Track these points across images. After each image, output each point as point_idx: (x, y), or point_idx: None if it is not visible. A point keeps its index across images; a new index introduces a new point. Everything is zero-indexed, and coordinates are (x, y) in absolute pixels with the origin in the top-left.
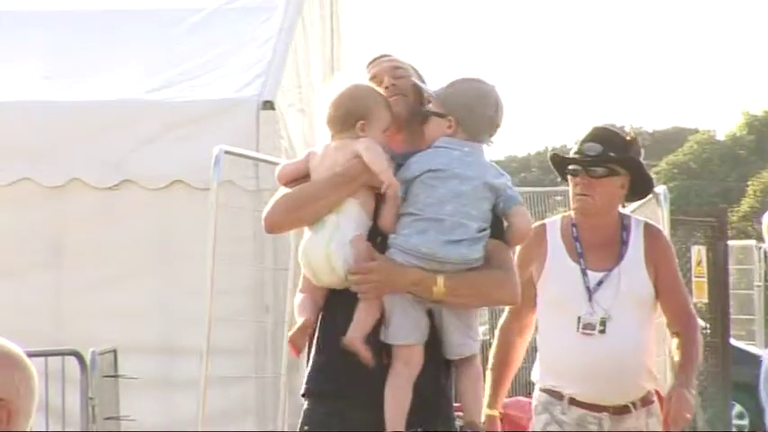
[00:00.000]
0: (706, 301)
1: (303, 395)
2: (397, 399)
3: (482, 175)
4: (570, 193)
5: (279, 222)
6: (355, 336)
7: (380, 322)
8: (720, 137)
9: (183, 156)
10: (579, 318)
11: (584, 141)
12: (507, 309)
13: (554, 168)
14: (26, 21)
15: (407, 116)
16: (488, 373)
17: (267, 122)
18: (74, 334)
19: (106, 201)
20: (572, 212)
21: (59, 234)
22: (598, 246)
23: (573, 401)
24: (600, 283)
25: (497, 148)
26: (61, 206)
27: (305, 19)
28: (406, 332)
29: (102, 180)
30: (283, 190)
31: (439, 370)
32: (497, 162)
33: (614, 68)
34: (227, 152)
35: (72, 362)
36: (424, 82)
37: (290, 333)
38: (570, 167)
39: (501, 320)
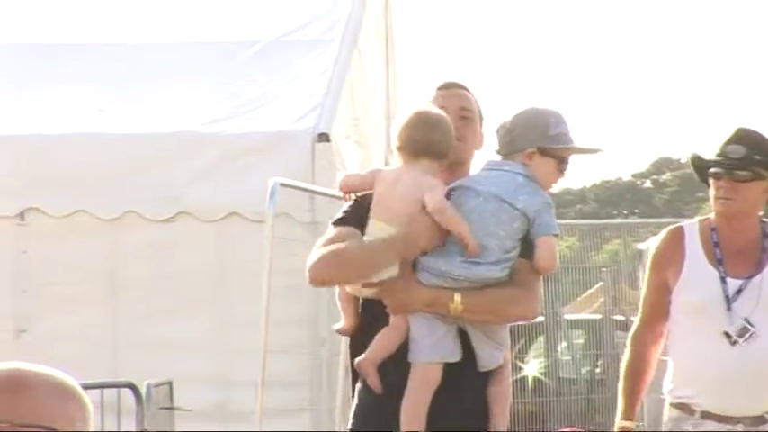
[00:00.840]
0: None
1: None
2: (416, 414)
3: (510, 195)
4: (711, 197)
5: (326, 280)
6: (369, 359)
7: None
8: None
9: (239, 188)
10: (717, 327)
11: (727, 143)
12: (639, 317)
13: (695, 171)
14: (83, 53)
15: (458, 160)
16: (621, 384)
17: (323, 155)
18: (129, 366)
19: (162, 233)
20: (711, 216)
21: (115, 266)
22: (738, 252)
23: (706, 415)
24: (739, 291)
25: None
26: (117, 238)
27: (361, 51)
28: (427, 351)
29: (158, 212)
30: (331, 230)
31: (479, 384)
32: (553, 195)
33: (671, 101)
34: (282, 184)
35: (127, 394)
36: (482, 115)
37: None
38: (712, 170)
39: (632, 329)
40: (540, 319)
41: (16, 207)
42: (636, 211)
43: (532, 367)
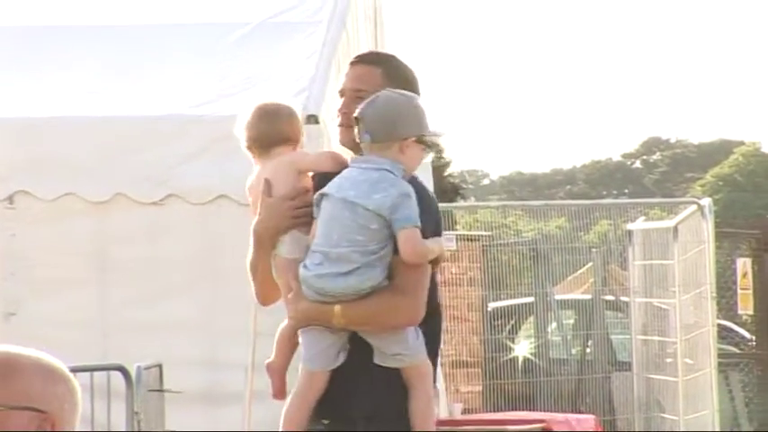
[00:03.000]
0: (751, 312)
1: None
2: (295, 420)
3: (364, 196)
4: None
5: (264, 298)
6: (278, 364)
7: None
8: (766, 149)
9: (228, 170)
10: None
11: None
12: None
13: None
14: (70, 35)
15: (351, 146)
16: None
17: (311, 136)
18: (119, 349)
19: (151, 215)
20: None
21: (104, 249)
22: None
23: None
24: None
25: (543, 161)
26: (105, 221)
27: (349, 33)
28: (312, 359)
29: (147, 195)
30: None
31: (375, 385)
32: (542, 175)
33: (660, 81)
34: None
35: (117, 376)
36: (408, 82)
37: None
38: None
39: None
40: (530, 299)
41: (4, 190)
42: (626, 191)
43: (523, 348)
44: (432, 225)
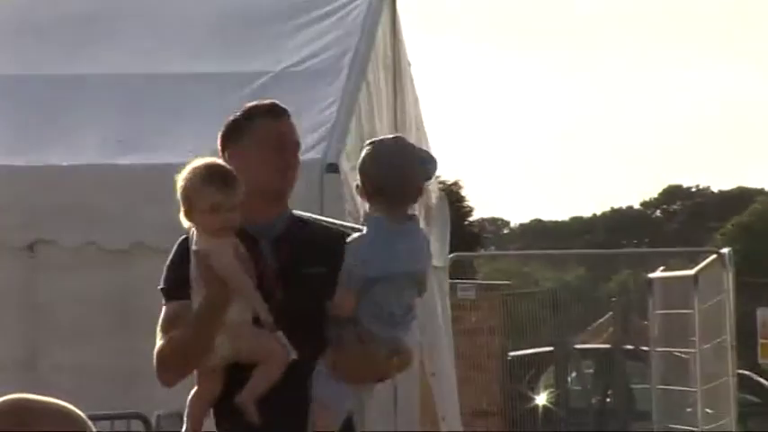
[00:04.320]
0: None
1: None
2: None
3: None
4: None
5: (173, 380)
6: (247, 397)
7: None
8: None
9: None
10: None
11: None
12: None
13: None
14: (93, 84)
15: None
16: None
17: (331, 185)
18: (140, 397)
19: None
20: None
21: (125, 297)
22: None
23: None
24: None
25: (563, 210)
26: (127, 270)
27: (369, 81)
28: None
29: (168, 244)
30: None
31: None
32: (562, 223)
33: (679, 128)
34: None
35: (137, 425)
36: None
37: None
38: None
39: None
40: (550, 348)
41: (25, 239)
42: (646, 240)
43: (543, 397)
44: None
